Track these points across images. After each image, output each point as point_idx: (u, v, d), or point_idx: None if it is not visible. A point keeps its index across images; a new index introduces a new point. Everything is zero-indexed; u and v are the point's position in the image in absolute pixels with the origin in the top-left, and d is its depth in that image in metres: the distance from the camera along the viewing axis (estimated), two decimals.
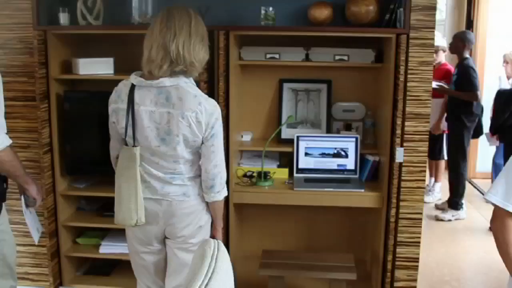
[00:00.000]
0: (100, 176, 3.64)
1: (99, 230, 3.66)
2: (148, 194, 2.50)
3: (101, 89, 3.56)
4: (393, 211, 3.31)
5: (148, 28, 2.46)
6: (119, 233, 3.56)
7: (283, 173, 3.61)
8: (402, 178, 3.28)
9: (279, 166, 3.66)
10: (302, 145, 3.58)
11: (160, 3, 3.43)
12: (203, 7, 3.12)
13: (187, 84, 2.41)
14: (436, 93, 4.70)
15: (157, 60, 2.36)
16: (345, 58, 3.47)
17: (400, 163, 3.26)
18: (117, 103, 2.48)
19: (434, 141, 5.56)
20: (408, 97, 3.21)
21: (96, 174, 3.64)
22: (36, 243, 2.99)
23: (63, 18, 3.44)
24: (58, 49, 3.45)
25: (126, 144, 2.49)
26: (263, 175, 3.46)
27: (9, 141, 2.49)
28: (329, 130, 3.71)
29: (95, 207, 3.69)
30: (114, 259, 3.68)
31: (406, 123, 3.24)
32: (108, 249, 3.57)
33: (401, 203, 3.31)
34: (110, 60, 3.45)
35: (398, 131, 3.23)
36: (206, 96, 2.43)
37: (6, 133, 2.50)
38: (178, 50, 2.34)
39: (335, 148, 3.58)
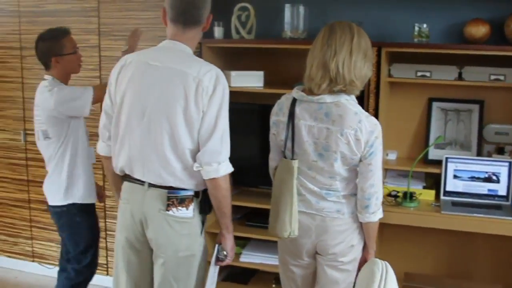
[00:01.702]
0: (245, 186, 3.71)
1: (240, 238, 3.73)
2: (303, 208, 2.50)
3: (249, 101, 3.67)
4: None
5: (312, 43, 2.46)
6: (260, 243, 3.63)
7: (429, 195, 3.49)
8: None
9: (424, 187, 3.54)
10: (451, 167, 3.45)
11: (312, 18, 3.47)
12: (355, 23, 3.10)
13: (348, 101, 2.40)
14: None
15: (316, 79, 2.36)
16: (501, 78, 3.31)
17: None
18: (278, 116, 2.52)
19: None
20: None
21: (242, 184, 3.71)
22: None
23: (218, 32, 3.57)
24: (212, 61, 3.53)
25: (285, 157, 2.51)
26: (409, 196, 3.37)
27: (231, 169, 2.43)
28: (479, 153, 3.55)
29: (238, 216, 3.77)
30: (253, 269, 3.73)
31: None
32: (249, 258, 3.63)
33: None
34: (261, 74, 3.52)
35: None
36: (367, 114, 2.40)
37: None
38: (338, 68, 2.33)
39: (486, 172, 3.42)
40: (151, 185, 2.42)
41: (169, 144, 2.35)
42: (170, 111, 2.32)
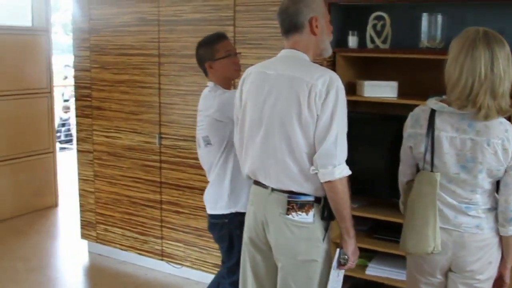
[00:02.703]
0: (373, 198, 3.66)
1: (367, 251, 3.66)
2: (439, 223, 2.43)
3: (380, 111, 3.61)
4: None
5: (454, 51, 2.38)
6: (386, 257, 3.55)
7: None
8: None
9: None
10: None
11: (450, 27, 3.35)
12: (496, 30, 2.97)
13: None
14: None
15: (483, 110, 2.29)
16: None
17: None
18: (414, 128, 2.47)
19: None
20: None
21: (370, 195, 3.67)
22: None
23: (352, 41, 3.56)
24: (345, 71, 3.56)
25: (423, 169, 2.45)
26: None
27: (348, 172, 2.38)
28: None
29: (364, 227, 3.71)
30: (378, 282, 3.65)
31: None
32: (375, 271, 3.55)
33: None
34: (394, 84, 3.46)
35: None
36: (510, 123, 2.33)
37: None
38: (503, 96, 2.29)
39: None
40: (273, 190, 2.49)
41: (286, 150, 2.41)
42: (285, 117, 2.38)
